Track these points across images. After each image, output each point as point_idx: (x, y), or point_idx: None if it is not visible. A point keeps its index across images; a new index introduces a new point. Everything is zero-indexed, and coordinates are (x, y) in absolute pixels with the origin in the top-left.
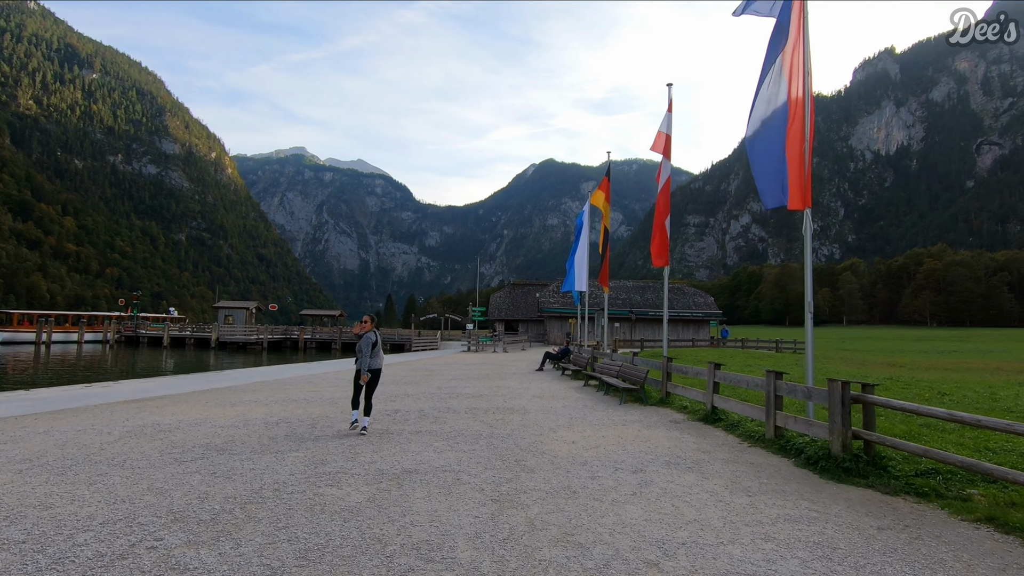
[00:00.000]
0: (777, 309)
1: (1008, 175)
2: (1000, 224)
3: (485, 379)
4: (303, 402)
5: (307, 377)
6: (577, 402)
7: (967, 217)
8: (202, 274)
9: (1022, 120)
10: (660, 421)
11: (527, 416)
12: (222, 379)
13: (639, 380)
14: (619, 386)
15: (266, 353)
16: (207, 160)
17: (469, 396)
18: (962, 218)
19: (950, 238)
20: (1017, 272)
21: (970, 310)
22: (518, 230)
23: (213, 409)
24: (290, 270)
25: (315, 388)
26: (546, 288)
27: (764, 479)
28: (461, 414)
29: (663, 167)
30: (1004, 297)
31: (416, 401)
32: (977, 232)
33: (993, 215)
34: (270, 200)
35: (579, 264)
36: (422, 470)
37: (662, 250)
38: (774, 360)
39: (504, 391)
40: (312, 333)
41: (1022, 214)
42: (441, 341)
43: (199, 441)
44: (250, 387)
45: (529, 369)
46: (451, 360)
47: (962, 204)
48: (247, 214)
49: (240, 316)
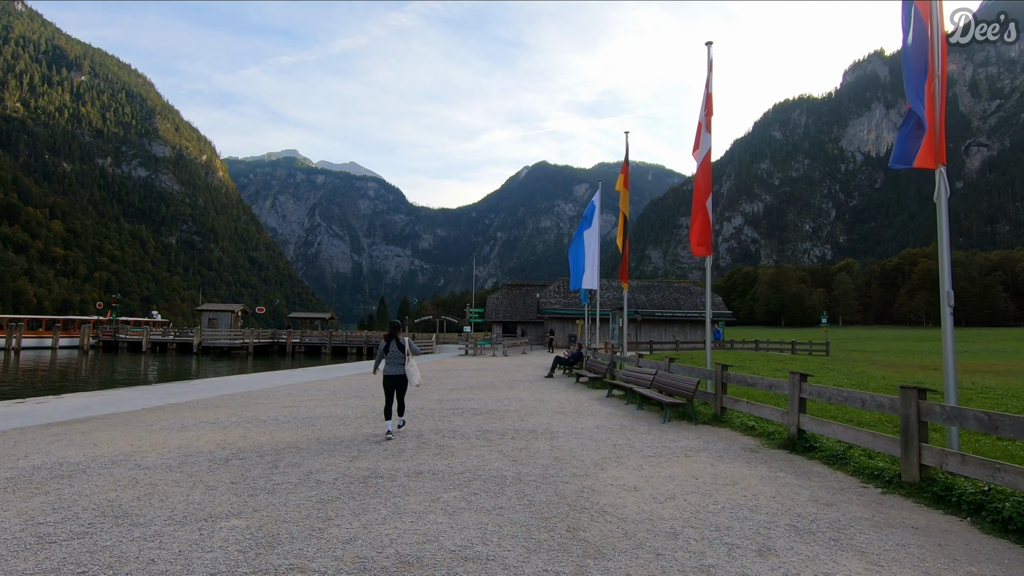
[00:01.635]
0: (772, 310)
1: (996, 176)
2: (989, 225)
3: (491, 388)
4: (272, 424)
5: (287, 388)
6: (610, 419)
7: (956, 218)
8: (192, 278)
9: (1010, 122)
10: (730, 449)
11: (556, 442)
12: (187, 391)
13: (687, 393)
14: (661, 400)
15: (252, 358)
16: (198, 163)
17: (477, 412)
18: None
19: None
20: (1011, 271)
21: (965, 310)
22: (511, 232)
23: (152, 436)
24: (282, 273)
25: (293, 403)
26: (546, 288)
27: (965, 562)
28: (471, 440)
29: (702, 139)
30: (999, 297)
31: (413, 420)
32: (967, 233)
33: (982, 216)
34: (261, 203)
35: (589, 259)
36: (428, 560)
37: (703, 236)
38: (797, 362)
39: (517, 405)
40: (301, 337)
41: (1010, 215)
42: (436, 344)
43: (101, 497)
44: (215, 402)
45: (537, 376)
46: (449, 366)
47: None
48: (238, 217)
49: (225, 319)
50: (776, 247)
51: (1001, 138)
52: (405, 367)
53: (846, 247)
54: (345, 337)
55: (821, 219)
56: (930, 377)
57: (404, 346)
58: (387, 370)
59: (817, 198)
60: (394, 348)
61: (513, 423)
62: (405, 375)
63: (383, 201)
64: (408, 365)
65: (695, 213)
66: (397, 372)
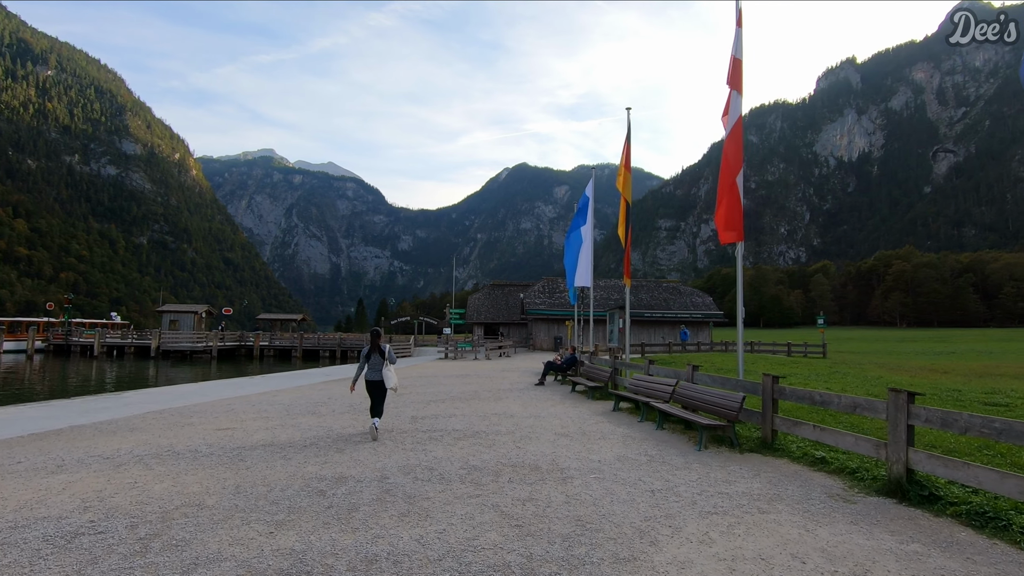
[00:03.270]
0: (751, 311)
1: (962, 182)
2: (956, 228)
3: (475, 400)
4: (186, 460)
5: (232, 402)
6: (628, 444)
7: (925, 222)
8: (165, 279)
9: (975, 129)
10: (813, 497)
11: (571, 488)
12: (106, 408)
13: (729, 413)
14: (693, 421)
15: (215, 363)
16: (170, 161)
17: (460, 436)
18: (920, 222)
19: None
20: (981, 273)
21: (937, 311)
22: (492, 234)
23: (1, 484)
24: (258, 274)
25: (231, 424)
26: (530, 288)
27: None
28: (454, 484)
29: (732, 103)
30: (970, 298)
31: (377, 453)
32: (935, 236)
33: (949, 220)
34: (237, 203)
35: (582, 256)
36: None
37: (732, 219)
38: (801, 365)
39: (509, 423)
40: (270, 340)
41: (976, 219)
42: (415, 347)
43: None
44: (132, 423)
45: (526, 383)
46: (427, 371)
47: (920, 209)
48: (213, 217)
49: (187, 321)
50: (753, 249)
51: (967, 145)
52: (382, 371)
53: (820, 249)
54: (318, 340)
55: (796, 222)
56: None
57: (385, 353)
58: (369, 375)
59: (792, 201)
60: (376, 356)
61: (507, 453)
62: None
63: (362, 202)
64: (385, 369)
65: (722, 193)
66: (379, 378)
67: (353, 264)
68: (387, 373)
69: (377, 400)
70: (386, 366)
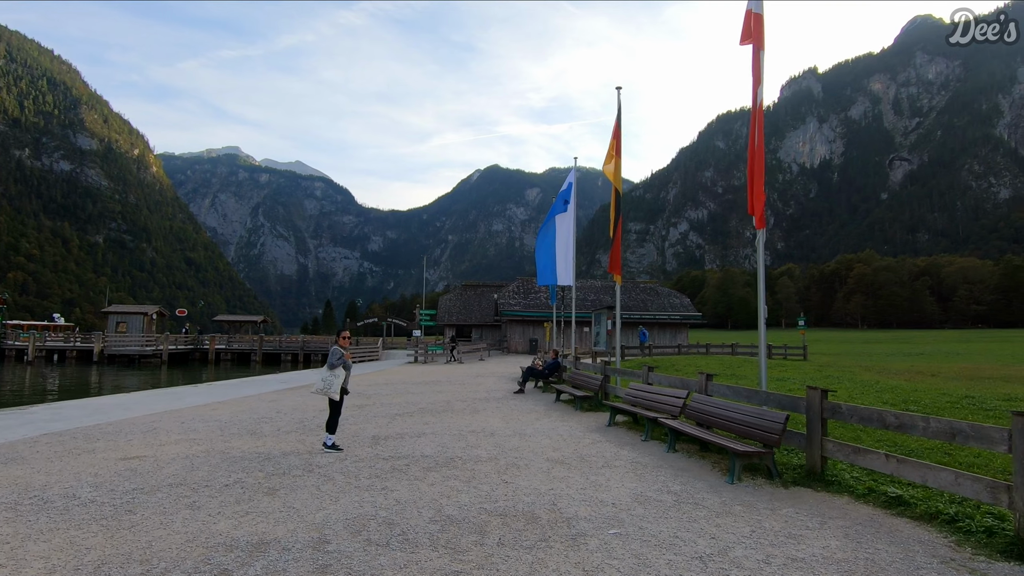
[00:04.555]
0: (719, 312)
1: (916, 189)
2: (911, 233)
3: (448, 413)
4: (53, 512)
5: (159, 419)
6: (642, 476)
7: (882, 227)
8: (122, 279)
9: (928, 139)
10: (916, 564)
11: (586, 554)
12: None
13: (770, 436)
14: (728, 448)
15: (166, 367)
16: (129, 157)
17: (431, 465)
18: (878, 227)
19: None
20: (936, 276)
21: (897, 312)
22: (463, 235)
23: None
24: (222, 275)
25: (140, 453)
26: (505, 288)
27: None
28: (422, 552)
29: (758, 64)
30: (927, 300)
31: (320, 493)
32: (891, 241)
33: (904, 225)
34: (200, 201)
35: (562, 250)
36: None
37: (759, 201)
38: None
39: (490, 445)
40: (228, 343)
41: (929, 224)
42: (383, 350)
43: None
44: (13, 452)
45: (503, 390)
46: (395, 377)
47: (878, 215)
48: (174, 215)
49: (136, 323)
50: (719, 252)
51: (921, 153)
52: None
53: (784, 253)
54: (279, 343)
55: None
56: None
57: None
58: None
59: None
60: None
61: (492, 492)
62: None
63: (331, 202)
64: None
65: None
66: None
67: (321, 265)
68: (315, 377)
69: (330, 410)
70: (323, 368)
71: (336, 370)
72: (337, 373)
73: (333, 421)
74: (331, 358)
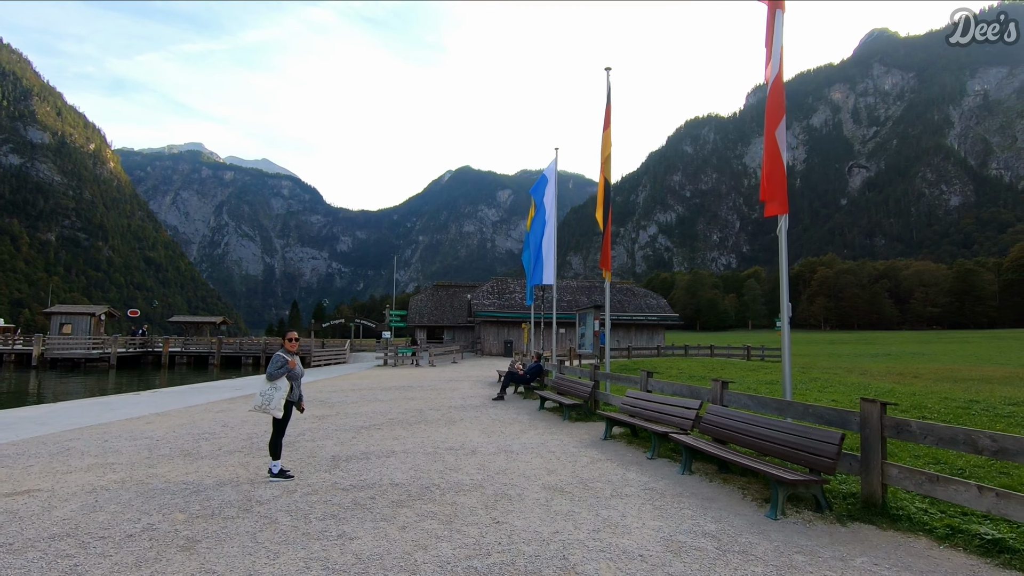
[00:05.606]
0: (688, 314)
1: (874, 195)
2: (869, 238)
3: (421, 425)
4: None
5: (73, 439)
6: (668, 515)
7: (842, 231)
8: (76, 279)
9: (885, 147)
10: None
11: None
12: None
13: (822, 462)
14: (772, 476)
15: (114, 372)
16: (84, 152)
17: (401, 499)
18: (838, 232)
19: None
20: (895, 279)
21: (858, 314)
22: (434, 236)
23: None
24: (183, 275)
25: (34, 486)
26: (478, 289)
27: None
28: None
29: (775, 27)
30: (886, 302)
31: (254, 546)
32: (851, 245)
33: (863, 230)
34: (161, 199)
35: (546, 248)
36: None
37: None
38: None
39: (472, 466)
40: (184, 345)
41: (886, 230)
42: (351, 353)
43: None
44: None
45: (480, 395)
46: (362, 381)
47: (838, 220)
48: (132, 213)
49: (82, 324)
50: (687, 255)
51: (878, 161)
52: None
53: (749, 256)
54: (239, 345)
55: (727, 230)
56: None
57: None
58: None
59: (724, 210)
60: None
61: (482, 539)
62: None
63: (298, 201)
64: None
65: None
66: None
67: (288, 265)
68: (255, 392)
69: (273, 429)
70: (262, 379)
71: (277, 381)
72: (279, 385)
73: (276, 443)
74: (271, 367)
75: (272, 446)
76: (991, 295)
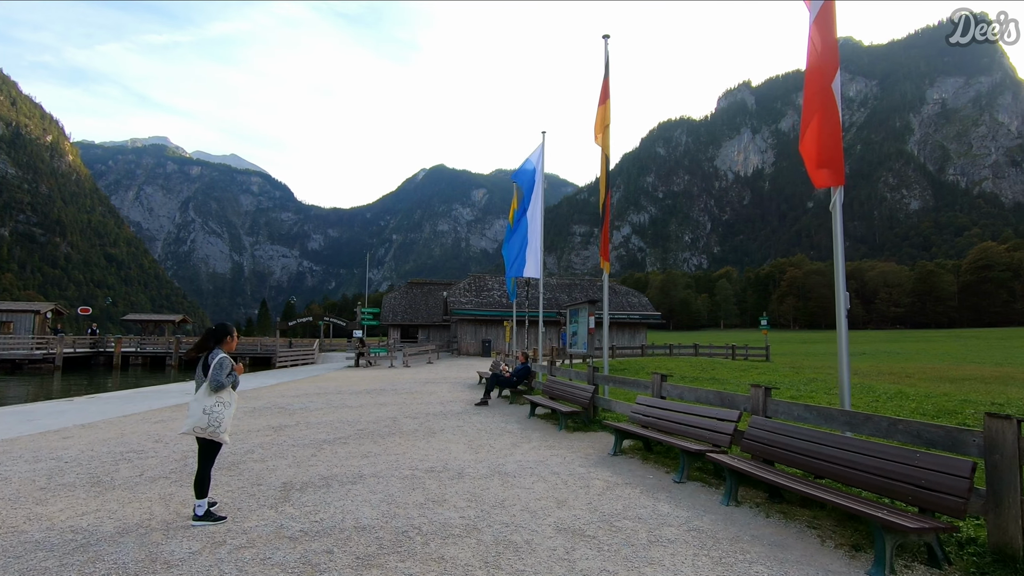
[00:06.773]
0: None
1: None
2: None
3: (395, 437)
4: None
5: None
6: (733, 572)
7: (809, 233)
8: (31, 276)
9: (849, 152)
10: None
11: None
12: None
13: (951, 501)
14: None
15: (60, 374)
16: (40, 144)
17: (369, 553)
18: (805, 234)
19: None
20: (860, 280)
21: (826, 314)
22: (408, 235)
23: None
24: (147, 273)
25: None
26: (455, 286)
27: None
28: None
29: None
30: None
31: None
32: (817, 247)
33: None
34: (123, 194)
35: (532, 239)
36: None
37: (827, 150)
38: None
39: (460, 496)
40: (139, 345)
41: (850, 232)
42: (320, 352)
43: None
44: None
45: (460, 400)
46: (329, 384)
47: (804, 222)
48: (93, 208)
49: (25, 322)
50: (660, 255)
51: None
52: (191, 404)
53: (720, 257)
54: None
55: (699, 231)
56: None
57: (210, 367)
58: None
59: (695, 211)
60: (200, 374)
61: None
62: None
63: (268, 197)
64: (195, 399)
65: (810, 110)
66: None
67: (258, 263)
68: (193, 406)
69: (201, 458)
70: (203, 391)
71: (225, 395)
72: (228, 400)
73: (204, 477)
74: (218, 372)
75: (199, 482)
76: (951, 296)
